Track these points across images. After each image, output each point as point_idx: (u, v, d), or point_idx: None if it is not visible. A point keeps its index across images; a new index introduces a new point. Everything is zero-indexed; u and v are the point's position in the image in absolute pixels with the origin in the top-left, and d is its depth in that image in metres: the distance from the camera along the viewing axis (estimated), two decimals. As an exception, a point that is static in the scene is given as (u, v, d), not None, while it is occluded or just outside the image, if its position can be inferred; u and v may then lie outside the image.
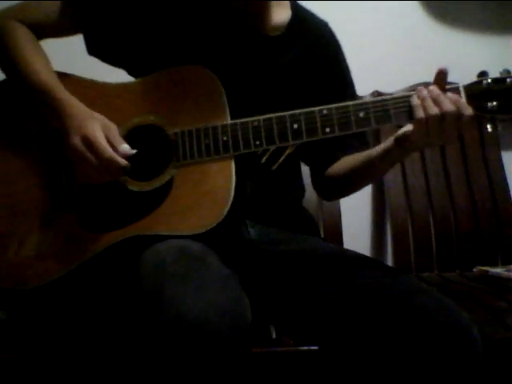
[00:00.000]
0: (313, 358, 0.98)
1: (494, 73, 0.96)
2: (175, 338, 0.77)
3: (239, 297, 0.85)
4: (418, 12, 1.81)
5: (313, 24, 1.18)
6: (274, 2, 1.12)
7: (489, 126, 0.96)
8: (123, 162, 0.99)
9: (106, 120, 1.02)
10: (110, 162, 0.98)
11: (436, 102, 0.92)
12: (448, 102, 0.92)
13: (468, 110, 0.92)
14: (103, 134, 1.00)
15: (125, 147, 1.00)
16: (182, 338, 0.76)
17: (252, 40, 1.10)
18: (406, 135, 0.97)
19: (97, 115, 1.03)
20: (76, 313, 1.08)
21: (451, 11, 1.81)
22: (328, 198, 1.36)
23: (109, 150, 0.98)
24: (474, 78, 0.96)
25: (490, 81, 0.95)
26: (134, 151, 1.01)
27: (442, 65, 0.95)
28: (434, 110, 0.92)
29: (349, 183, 1.17)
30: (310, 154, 1.20)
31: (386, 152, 1.03)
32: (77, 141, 0.99)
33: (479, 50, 1.77)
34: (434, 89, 0.94)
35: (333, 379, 0.96)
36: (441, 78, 0.95)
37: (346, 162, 1.16)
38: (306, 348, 0.99)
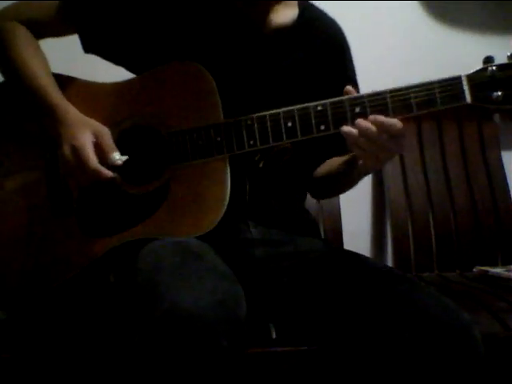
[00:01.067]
0: (313, 358, 0.98)
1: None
2: (170, 329, 0.77)
3: (234, 289, 0.85)
4: (418, 12, 1.81)
5: (321, 24, 1.15)
6: (277, 1, 1.10)
7: (497, 116, 0.93)
8: (109, 173, 0.99)
9: (98, 126, 1.02)
10: (95, 173, 0.99)
11: (365, 135, 0.91)
12: (374, 130, 0.90)
13: (396, 126, 0.90)
14: (93, 143, 1.00)
15: (114, 157, 1.00)
16: (177, 328, 0.76)
17: (253, 40, 1.09)
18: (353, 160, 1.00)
19: (90, 122, 1.03)
20: (76, 313, 1.08)
21: (451, 11, 1.81)
22: (316, 197, 1.36)
23: (93, 163, 0.98)
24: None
25: (494, 68, 0.89)
26: (125, 158, 1.00)
27: (441, 64, 0.94)
28: (366, 144, 0.91)
29: (329, 184, 1.19)
30: (307, 155, 1.18)
31: (350, 168, 1.05)
32: (67, 150, 1.00)
33: (479, 50, 1.75)
34: (360, 123, 0.92)
35: (333, 379, 0.96)
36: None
37: (327, 164, 1.18)
38: (306, 348, 0.99)
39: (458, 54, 1.75)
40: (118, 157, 1.00)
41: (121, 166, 1.00)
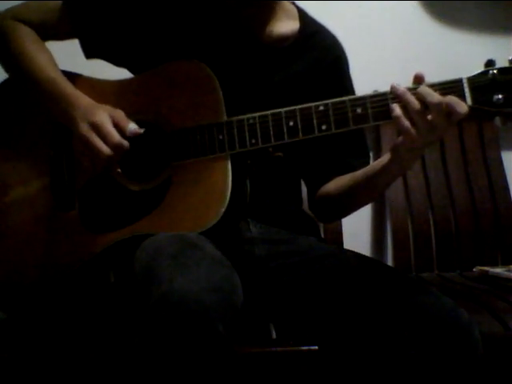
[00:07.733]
0: (313, 358, 0.98)
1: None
2: (165, 313, 0.77)
3: (230, 275, 0.86)
4: (418, 12, 1.81)
5: (321, 38, 1.16)
6: (279, 13, 1.11)
7: (497, 119, 0.93)
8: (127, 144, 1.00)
9: (111, 107, 1.03)
10: (118, 147, 0.99)
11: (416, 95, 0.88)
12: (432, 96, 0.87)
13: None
14: (110, 119, 1.00)
15: (132, 126, 1.01)
16: (172, 312, 0.76)
17: (251, 48, 1.09)
18: (397, 141, 0.93)
19: (102, 105, 1.04)
20: (76, 312, 1.08)
21: (451, 11, 1.81)
22: (324, 220, 1.30)
23: (116, 135, 0.99)
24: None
25: (495, 71, 0.89)
26: (142, 130, 1.01)
27: (441, 64, 0.94)
28: (414, 104, 0.88)
29: (345, 202, 1.14)
30: (307, 169, 1.18)
31: (384, 166, 0.99)
32: (85, 127, 1.00)
33: (479, 50, 1.77)
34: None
35: (333, 379, 0.96)
36: (418, 82, 0.91)
37: (342, 180, 1.12)
38: (306, 348, 0.99)
39: (458, 54, 1.76)
40: (135, 126, 1.01)
41: (128, 155, 1.01)
